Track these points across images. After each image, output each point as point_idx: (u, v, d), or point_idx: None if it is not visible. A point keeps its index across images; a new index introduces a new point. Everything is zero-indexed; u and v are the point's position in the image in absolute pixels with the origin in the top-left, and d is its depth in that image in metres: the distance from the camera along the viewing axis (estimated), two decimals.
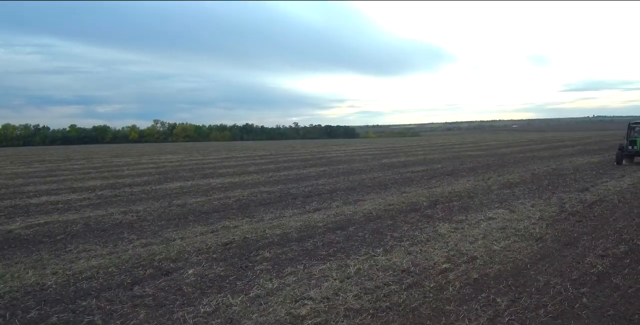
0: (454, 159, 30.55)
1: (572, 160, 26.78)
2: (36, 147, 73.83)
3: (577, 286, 6.61)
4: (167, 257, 8.28)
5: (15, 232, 10.69)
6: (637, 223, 10.48)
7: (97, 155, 48.02)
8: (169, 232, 10.34)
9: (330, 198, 14.78)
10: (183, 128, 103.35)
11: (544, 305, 5.94)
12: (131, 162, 36.08)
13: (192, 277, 7.16)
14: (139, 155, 46.52)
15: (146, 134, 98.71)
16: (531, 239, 9.22)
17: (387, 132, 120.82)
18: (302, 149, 52.77)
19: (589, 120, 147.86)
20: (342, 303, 6.02)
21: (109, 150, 61.92)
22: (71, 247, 9.21)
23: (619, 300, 6.13)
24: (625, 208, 12.13)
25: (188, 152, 51.41)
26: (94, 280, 7.15)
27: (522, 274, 7.11)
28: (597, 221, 10.65)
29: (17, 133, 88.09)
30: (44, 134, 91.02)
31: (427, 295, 6.27)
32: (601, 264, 7.58)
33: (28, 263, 8.15)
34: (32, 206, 14.33)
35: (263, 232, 10.01)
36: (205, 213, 12.63)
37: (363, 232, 9.87)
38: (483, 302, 6.04)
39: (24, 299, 6.47)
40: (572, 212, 11.56)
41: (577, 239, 9.18)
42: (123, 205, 14.15)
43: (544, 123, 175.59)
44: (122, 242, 9.59)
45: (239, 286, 6.75)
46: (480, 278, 6.93)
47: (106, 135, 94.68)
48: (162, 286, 6.83)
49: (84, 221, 11.75)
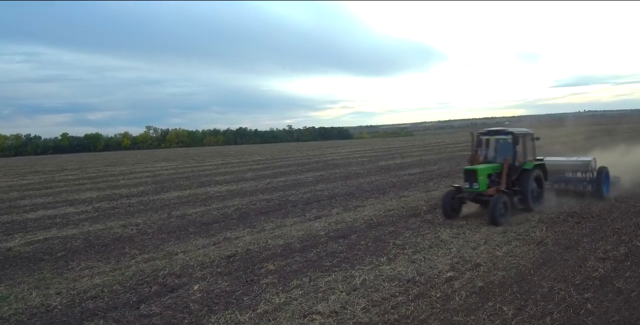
0: (449, 160, 30.70)
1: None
2: (28, 157, 73.20)
3: (580, 291, 6.69)
4: (171, 273, 8.26)
5: (15, 249, 10.61)
6: (635, 223, 10.61)
7: (91, 165, 47.71)
8: (171, 246, 10.31)
9: (330, 204, 14.80)
10: (176, 133, 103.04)
11: (550, 313, 6.00)
12: (126, 170, 35.89)
13: (198, 294, 7.16)
14: (133, 164, 46.28)
15: (139, 141, 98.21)
16: (532, 242, 9.31)
17: (381, 132, 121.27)
18: (298, 153, 52.75)
19: (580, 115, 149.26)
20: (350, 317, 6.05)
21: (102, 158, 61.55)
22: (73, 265, 9.16)
23: (622, 305, 6.21)
24: (623, 208, 12.27)
25: (183, 159, 51.22)
26: (100, 300, 7.12)
27: (526, 280, 7.18)
28: (595, 222, 10.77)
29: (9, 143, 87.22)
30: (35, 143, 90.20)
31: (434, 306, 6.31)
32: (602, 267, 7.67)
33: (31, 283, 8.10)
34: (29, 221, 14.22)
35: (265, 243, 10.01)
36: (205, 224, 12.60)
37: (365, 240, 9.90)
38: (490, 312, 6.09)
39: (30, 322, 6.43)
40: (570, 213, 11.66)
41: (577, 241, 9.28)
42: (122, 218, 14.08)
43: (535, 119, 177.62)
44: (125, 257, 9.55)
45: (245, 302, 6.75)
46: (485, 286, 6.98)
47: (99, 143, 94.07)
48: (168, 304, 6.82)
49: (84, 236, 11.68)
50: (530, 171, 11.83)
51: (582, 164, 13.80)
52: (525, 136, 12.13)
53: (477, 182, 10.99)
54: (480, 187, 11.05)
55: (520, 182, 11.78)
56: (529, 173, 11.78)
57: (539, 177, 12.24)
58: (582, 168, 13.73)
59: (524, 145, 12.02)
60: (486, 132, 12.54)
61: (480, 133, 12.53)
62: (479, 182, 11.00)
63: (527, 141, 12.24)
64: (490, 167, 11.59)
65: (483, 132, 12.55)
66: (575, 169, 13.85)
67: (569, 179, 13.97)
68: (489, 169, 11.46)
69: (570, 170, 13.94)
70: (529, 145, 12.30)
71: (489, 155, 12.38)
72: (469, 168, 11.28)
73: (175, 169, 35.42)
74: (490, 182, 11.38)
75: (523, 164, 11.89)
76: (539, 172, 12.20)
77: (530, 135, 12.40)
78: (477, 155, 12.19)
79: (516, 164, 11.73)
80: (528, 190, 11.69)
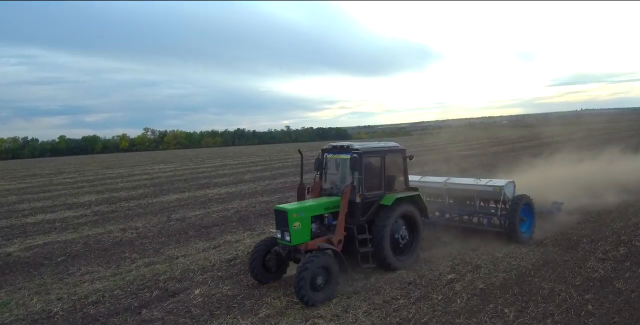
0: (447, 161, 30.73)
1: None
2: (25, 160, 72.91)
3: (581, 292, 6.71)
4: (172, 277, 8.25)
5: (14, 254, 10.58)
6: (634, 223, 10.66)
7: (89, 167, 47.56)
8: (171, 250, 10.29)
9: None
10: (174, 135, 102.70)
11: (551, 314, 6.03)
12: (124, 173, 35.80)
13: (199, 298, 7.15)
14: (131, 166, 46.15)
15: (137, 143, 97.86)
16: (532, 243, 9.34)
17: (379, 132, 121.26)
18: (296, 154, 52.72)
19: (577, 114, 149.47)
20: (352, 320, 6.06)
21: (100, 161, 61.33)
22: (73, 269, 9.14)
23: (623, 305, 6.24)
24: (622, 208, 12.31)
25: (181, 161, 51.11)
26: (101, 305, 7.11)
27: (526, 282, 7.20)
28: (594, 223, 10.81)
29: (6, 146, 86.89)
30: (32, 146, 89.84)
31: (435, 309, 6.32)
32: (602, 268, 7.71)
33: (31, 288, 8.08)
34: (28, 226, 14.17)
35: None
36: (205, 227, 12.59)
37: None
38: (491, 314, 6.11)
39: None
40: (568, 212, 11.68)
41: (577, 242, 9.31)
42: (121, 222, 14.05)
43: (533, 118, 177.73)
44: (125, 262, 9.54)
45: (247, 306, 6.75)
46: (486, 288, 7.01)
47: (96, 145, 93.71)
48: (170, 309, 6.81)
49: (84, 240, 11.66)
50: (390, 209, 7.88)
51: (492, 191, 9.74)
52: (384, 155, 8.22)
53: (287, 231, 7.28)
54: (291, 239, 7.26)
55: (373, 227, 7.82)
56: (389, 212, 7.86)
57: (411, 217, 8.27)
58: (492, 196, 9.79)
59: (382, 169, 8.14)
60: (331, 149, 8.61)
61: (325, 150, 8.70)
62: (290, 231, 7.24)
63: (391, 163, 8.44)
64: (317, 205, 7.74)
65: (327, 149, 8.69)
66: (483, 196, 10.01)
67: (474, 211, 10.11)
68: (312, 209, 7.63)
69: (481, 198, 10.08)
70: (393, 168, 8.47)
71: (336, 183, 8.49)
72: (279, 208, 7.57)
73: (174, 171, 35.36)
74: (319, 228, 7.68)
75: (381, 197, 8.03)
76: (409, 209, 8.22)
77: (400, 153, 8.57)
78: (318, 183, 8.57)
79: (357, 200, 7.74)
80: (384, 240, 7.70)
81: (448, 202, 10.78)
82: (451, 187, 10.54)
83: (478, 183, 10.18)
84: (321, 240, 7.47)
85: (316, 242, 7.31)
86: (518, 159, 22.04)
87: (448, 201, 10.79)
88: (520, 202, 9.41)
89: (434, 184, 10.85)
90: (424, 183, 10.79)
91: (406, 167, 8.67)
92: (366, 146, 8.18)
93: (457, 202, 10.60)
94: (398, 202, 8.01)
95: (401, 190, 8.45)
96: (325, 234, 7.72)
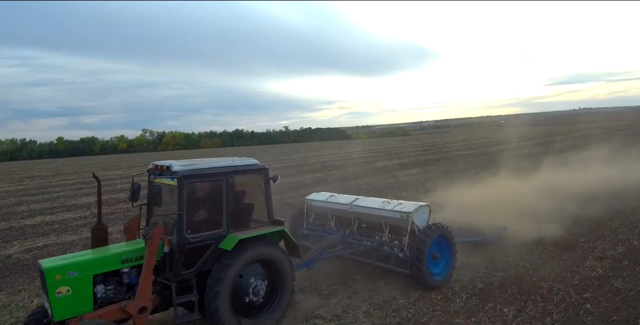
0: (446, 160, 30.81)
1: (562, 156, 27.17)
2: (24, 161, 72.82)
3: (579, 291, 6.76)
4: None
5: (14, 257, 10.59)
6: (632, 221, 10.71)
7: (88, 169, 47.49)
8: None
9: None
10: (172, 136, 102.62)
11: (550, 314, 6.07)
12: (123, 174, 35.76)
13: None
14: (129, 167, 46.08)
15: (135, 144, 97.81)
16: (531, 242, 9.38)
17: (378, 132, 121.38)
18: (295, 154, 52.72)
19: (575, 113, 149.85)
20: (352, 320, 6.09)
21: (99, 162, 61.28)
22: None
23: (621, 304, 6.29)
24: (620, 206, 12.36)
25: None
26: None
27: (525, 281, 7.24)
28: (592, 222, 10.85)
29: (4, 148, 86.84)
30: (31, 147, 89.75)
31: (435, 308, 6.36)
32: (601, 267, 7.75)
33: (32, 290, 8.10)
34: (28, 228, 14.18)
35: None
36: None
37: None
38: (490, 313, 6.15)
39: None
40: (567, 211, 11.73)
41: (575, 241, 9.35)
42: (121, 224, 14.02)
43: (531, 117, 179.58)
44: None
45: None
46: (485, 287, 7.05)
47: (94, 147, 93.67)
48: (170, 310, 6.81)
49: (83, 242, 11.66)
50: (230, 255, 5.73)
51: (399, 218, 7.44)
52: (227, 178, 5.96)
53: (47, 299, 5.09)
54: (54, 314, 5.04)
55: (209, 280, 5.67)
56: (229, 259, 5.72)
57: (271, 262, 6.12)
58: (400, 224, 7.47)
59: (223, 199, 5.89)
60: (154, 170, 6.24)
61: (151, 171, 6.31)
62: (49, 300, 5.02)
63: (244, 188, 6.43)
64: (107, 257, 5.56)
65: (151, 169, 6.32)
66: (391, 223, 7.68)
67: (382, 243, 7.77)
68: (96, 263, 5.42)
69: (390, 226, 7.73)
70: (249, 195, 6.43)
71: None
72: (41, 264, 5.28)
73: None
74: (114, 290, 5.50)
75: (219, 238, 5.84)
76: (267, 251, 6.08)
77: (258, 173, 6.33)
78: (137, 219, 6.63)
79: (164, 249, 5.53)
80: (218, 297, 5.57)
81: (355, 229, 8.19)
82: (357, 210, 8.10)
83: (385, 207, 7.75)
84: (106, 311, 5.16)
85: (89, 316, 5.02)
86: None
87: (355, 229, 8.19)
88: (432, 234, 7.07)
89: (339, 205, 8.39)
90: (328, 204, 8.49)
91: (269, 193, 6.31)
92: (195, 166, 5.85)
93: (365, 229, 8.24)
94: (246, 244, 5.77)
95: (261, 226, 6.22)
96: (127, 297, 5.46)
